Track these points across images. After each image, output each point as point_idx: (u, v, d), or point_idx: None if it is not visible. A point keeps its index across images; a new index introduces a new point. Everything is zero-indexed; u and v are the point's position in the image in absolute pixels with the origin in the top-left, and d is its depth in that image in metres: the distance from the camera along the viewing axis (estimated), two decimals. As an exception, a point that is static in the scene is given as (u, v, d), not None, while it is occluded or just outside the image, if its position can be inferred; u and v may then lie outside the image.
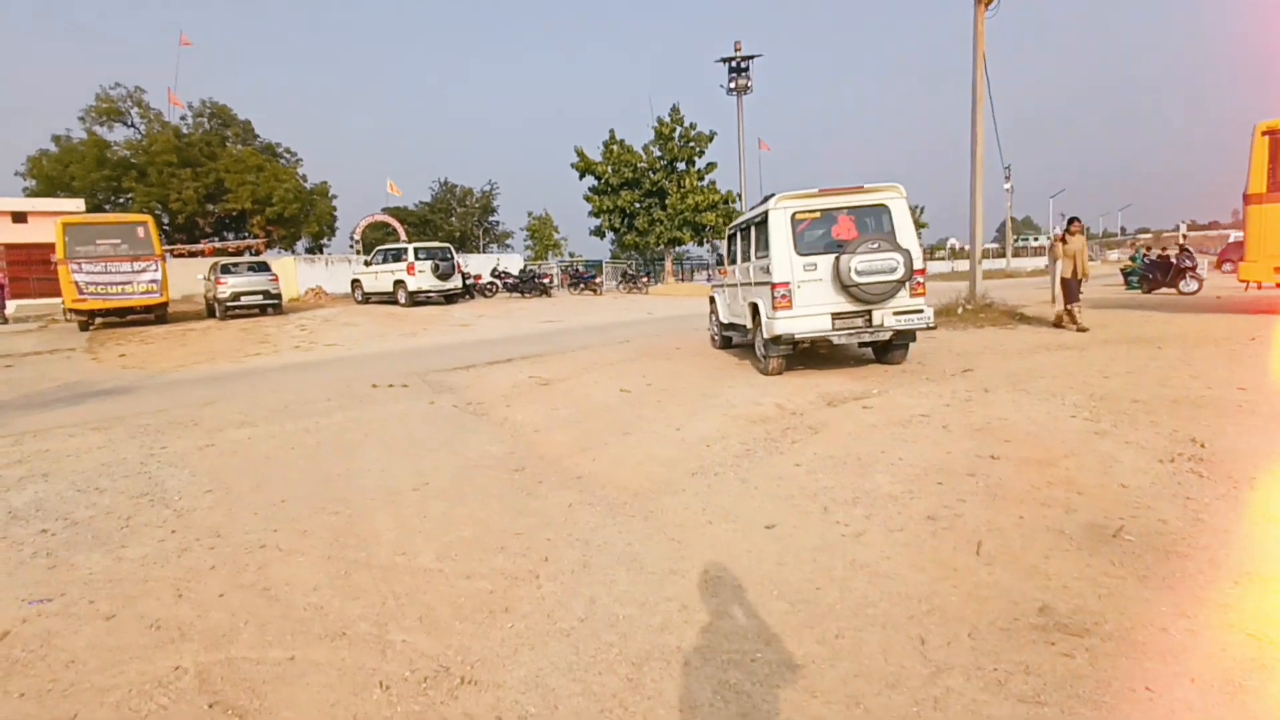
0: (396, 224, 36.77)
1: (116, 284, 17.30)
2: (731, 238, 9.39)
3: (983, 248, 17.10)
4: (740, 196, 32.72)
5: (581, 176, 32.43)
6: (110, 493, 5.29)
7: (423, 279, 21.19)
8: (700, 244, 33.96)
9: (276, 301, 20.02)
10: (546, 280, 26.49)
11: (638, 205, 32.36)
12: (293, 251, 38.61)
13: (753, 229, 8.16)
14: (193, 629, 3.26)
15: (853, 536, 3.77)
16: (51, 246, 18.88)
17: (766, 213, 7.49)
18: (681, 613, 3.16)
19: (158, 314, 18.60)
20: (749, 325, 8.45)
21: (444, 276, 21.57)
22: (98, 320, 18.32)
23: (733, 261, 9.41)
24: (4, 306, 22.75)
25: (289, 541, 4.25)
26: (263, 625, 3.27)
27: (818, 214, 7.38)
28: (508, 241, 58.35)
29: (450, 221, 53.35)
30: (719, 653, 2.82)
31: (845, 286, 7.14)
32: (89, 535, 4.49)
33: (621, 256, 54.27)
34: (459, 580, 3.62)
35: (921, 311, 7.42)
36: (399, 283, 21.50)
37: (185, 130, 36.82)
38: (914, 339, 7.98)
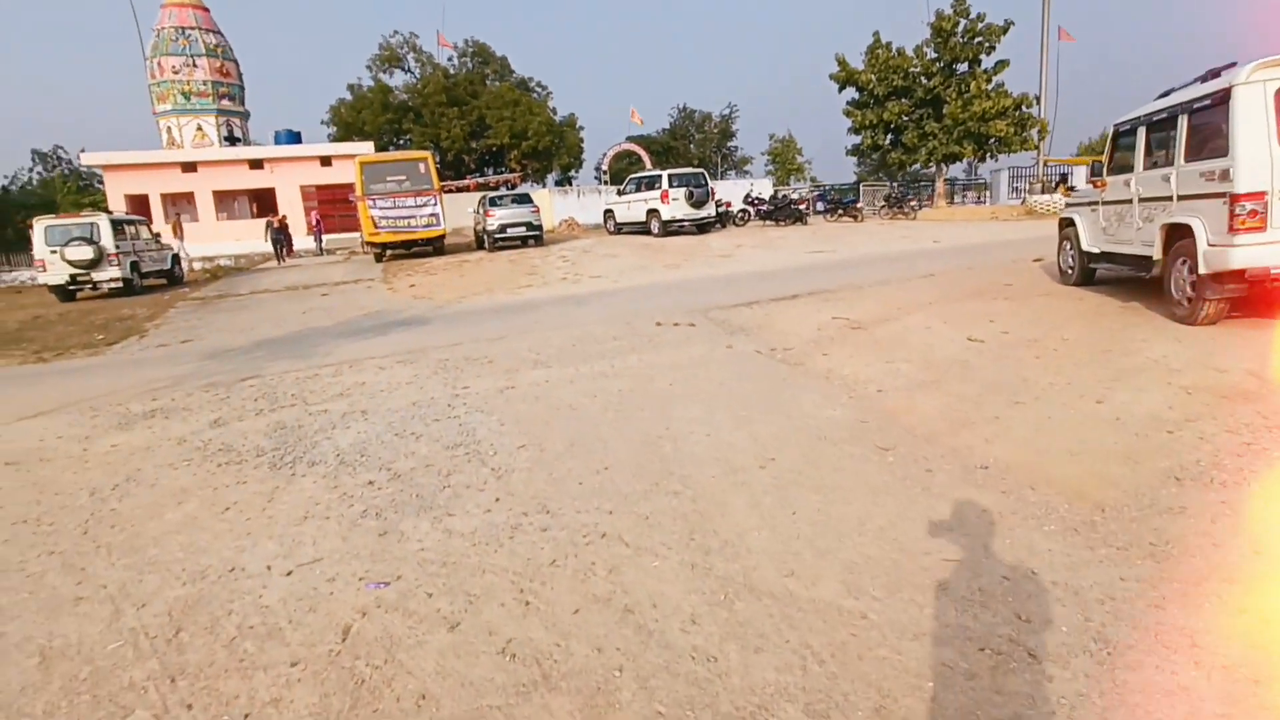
0: (643, 152, 36.56)
1: (404, 218, 18.57)
2: (1123, 136, 7.01)
3: None
4: (1038, 100, 27.63)
5: (841, 88, 29.34)
6: (425, 439, 4.89)
7: (676, 207, 20.40)
8: (982, 160, 29.44)
9: (539, 233, 20.44)
10: (803, 206, 24.52)
11: (906, 118, 28.70)
12: (543, 184, 40.30)
13: (1184, 119, 5.83)
14: (555, 669, 2.44)
15: None
16: (349, 186, 20.83)
17: (1225, 91, 5.19)
18: None
19: (436, 246, 19.82)
20: (1155, 254, 6.23)
21: (698, 204, 20.59)
22: (389, 252, 19.98)
23: (1119, 170, 7.07)
24: (321, 240, 25.93)
25: (633, 532, 3.38)
26: (644, 680, 2.35)
27: (1329, 86, 4.96)
28: (746, 168, 56.38)
29: (689, 149, 52.51)
30: None
31: (1378, 196, 4.75)
32: (413, 494, 4.00)
33: (868, 179, 49.92)
34: (903, 640, 2.45)
35: None
36: (652, 211, 20.92)
37: (452, 71, 39.32)
38: None
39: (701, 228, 21.57)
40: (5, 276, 25.30)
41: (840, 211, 25.83)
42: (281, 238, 20.51)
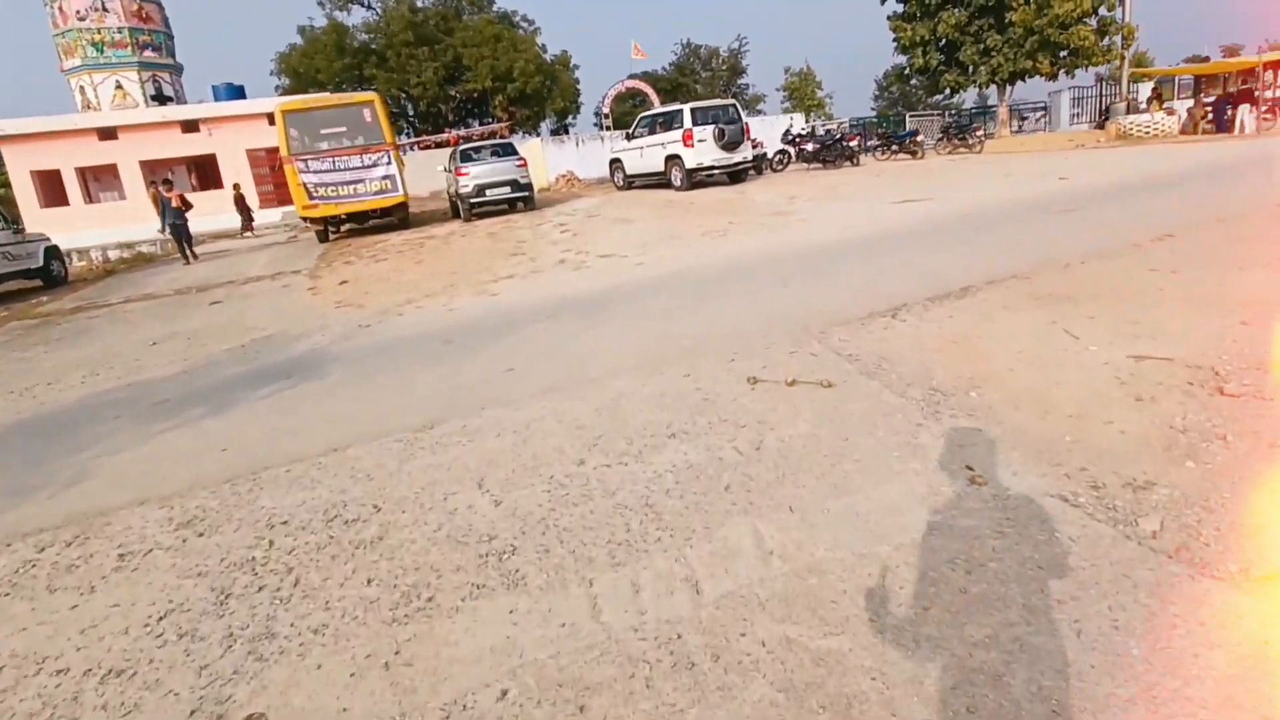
0: (650, 90, 31.43)
1: (347, 183, 14.08)
2: None
3: None
4: (1122, 0, 22.62)
5: (883, 0, 24.35)
6: None
7: (704, 150, 15.79)
8: (1054, 77, 24.47)
9: (528, 194, 15.91)
10: (853, 144, 19.82)
11: (962, 32, 23.69)
12: (536, 133, 35.29)
13: None
14: None
15: None
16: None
17: None
18: None
19: (399, 217, 15.38)
20: None
21: (731, 145, 15.96)
22: (342, 228, 15.58)
23: None
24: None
25: None
26: None
27: None
28: (760, 106, 50.93)
29: (696, 88, 47.06)
30: None
31: None
32: None
33: (890, 115, 44.44)
34: None
35: None
36: (672, 158, 16.31)
37: (419, 4, 33.96)
38: None
39: (734, 176, 17.00)
40: None
41: (895, 148, 21.14)
42: (180, 221, 14.59)
